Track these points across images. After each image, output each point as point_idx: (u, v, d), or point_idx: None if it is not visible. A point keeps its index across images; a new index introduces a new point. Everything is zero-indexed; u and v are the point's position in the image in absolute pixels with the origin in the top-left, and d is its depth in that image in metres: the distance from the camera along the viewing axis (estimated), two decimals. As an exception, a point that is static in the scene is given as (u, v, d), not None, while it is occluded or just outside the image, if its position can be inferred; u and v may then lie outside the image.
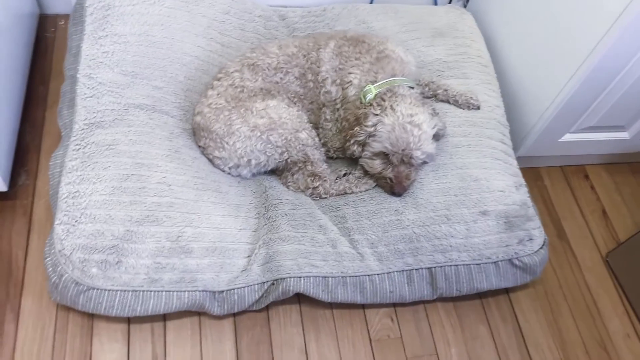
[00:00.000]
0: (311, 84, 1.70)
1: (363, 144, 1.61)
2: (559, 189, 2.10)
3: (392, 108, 1.56)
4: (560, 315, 1.79)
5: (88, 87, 1.64)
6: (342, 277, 1.56)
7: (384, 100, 1.58)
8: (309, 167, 1.65)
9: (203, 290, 1.49)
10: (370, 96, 1.61)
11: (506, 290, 1.81)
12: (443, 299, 1.75)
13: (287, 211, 1.63)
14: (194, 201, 1.54)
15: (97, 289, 1.42)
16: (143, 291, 1.45)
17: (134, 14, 1.77)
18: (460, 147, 1.71)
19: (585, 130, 1.90)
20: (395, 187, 1.59)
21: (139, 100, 1.65)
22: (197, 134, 1.66)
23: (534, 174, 2.12)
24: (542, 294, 1.83)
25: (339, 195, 1.69)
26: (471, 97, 1.79)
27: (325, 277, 1.55)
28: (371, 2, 2.21)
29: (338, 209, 1.65)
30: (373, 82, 1.64)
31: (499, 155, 1.72)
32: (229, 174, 1.68)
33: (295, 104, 1.69)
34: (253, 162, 1.62)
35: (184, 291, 1.48)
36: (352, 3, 2.11)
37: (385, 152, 1.57)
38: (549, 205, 2.05)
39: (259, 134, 1.58)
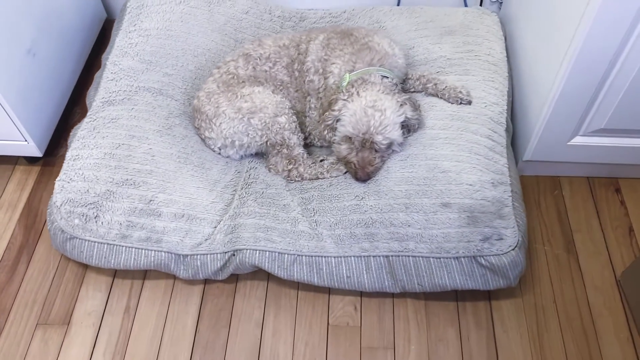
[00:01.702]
0: (297, 73, 1.79)
1: (333, 129, 1.66)
2: (578, 200, 1.91)
3: (357, 94, 1.60)
4: (547, 330, 1.63)
5: (111, 72, 1.91)
6: (298, 255, 1.60)
7: (352, 87, 1.62)
8: (285, 151, 1.73)
9: (167, 252, 1.63)
10: (344, 84, 1.66)
11: (488, 297, 1.69)
12: (415, 296, 1.69)
13: (258, 189, 1.72)
14: (173, 172, 1.70)
15: (78, 239, 1.63)
16: (115, 245, 1.63)
17: (161, 12, 2.03)
18: (437, 139, 1.67)
19: (600, 134, 1.73)
20: (358, 172, 1.61)
21: (149, 84, 1.88)
22: (194, 116, 1.84)
23: (551, 183, 1.95)
24: (531, 305, 1.68)
25: (311, 179, 1.74)
26: (460, 92, 1.74)
27: (281, 252, 1.61)
28: (398, 5, 2.24)
29: (306, 191, 1.70)
30: (350, 71, 1.68)
31: (480, 150, 1.64)
32: (219, 154, 1.82)
33: (281, 91, 1.79)
34: (237, 142, 1.75)
35: (151, 250, 1.63)
36: (377, 5, 2.16)
37: (349, 137, 1.60)
38: (563, 216, 1.87)
39: (240, 116, 1.71)
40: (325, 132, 1.67)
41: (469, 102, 1.76)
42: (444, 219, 1.54)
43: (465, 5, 2.22)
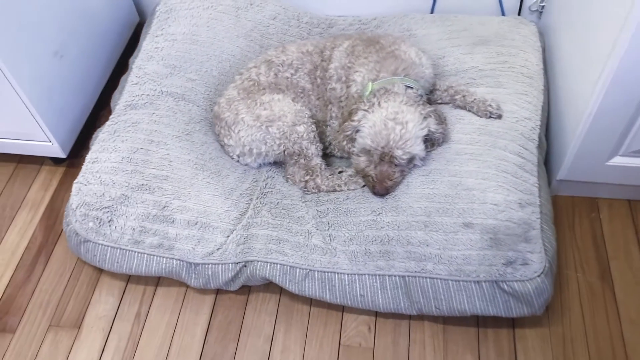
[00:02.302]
0: (319, 80, 1.74)
1: (352, 140, 1.59)
2: (617, 225, 1.77)
3: (379, 104, 1.53)
4: (574, 365, 1.51)
5: (136, 76, 1.91)
6: (310, 270, 1.54)
7: (374, 97, 1.56)
8: (302, 161, 1.68)
9: (179, 259, 1.60)
10: (366, 93, 1.60)
11: (512, 324, 1.58)
12: (433, 319, 1.61)
13: (274, 200, 1.68)
14: (189, 178, 1.67)
15: (92, 242, 1.63)
16: (128, 250, 1.62)
17: (188, 16, 2.02)
18: (462, 154, 1.58)
19: (642, 155, 1.60)
20: (375, 186, 1.54)
21: (172, 89, 1.86)
22: (214, 122, 1.81)
23: (588, 204, 1.83)
24: (559, 336, 1.56)
25: (328, 191, 1.68)
26: (490, 105, 1.65)
27: (292, 266, 1.55)
28: (431, 12, 2.16)
29: (322, 203, 1.64)
30: (374, 80, 1.62)
31: (508, 167, 1.54)
32: (237, 162, 1.79)
33: (302, 98, 1.75)
34: (254, 151, 1.71)
35: (162, 257, 1.61)
36: (409, 13, 2.09)
37: (368, 149, 1.53)
38: (599, 241, 1.74)
39: (259, 124, 1.67)
40: (344, 142, 1.61)
41: (499, 116, 1.66)
42: (465, 240, 1.45)
43: (503, 14, 2.11)
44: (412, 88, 1.59)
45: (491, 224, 1.45)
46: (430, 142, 1.57)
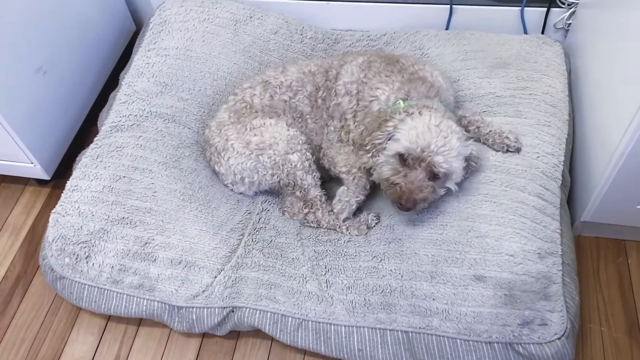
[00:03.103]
0: (319, 102, 1.60)
1: (379, 150, 1.41)
2: (647, 272, 1.60)
3: (419, 113, 1.38)
4: None
5: (125, 94, 1.77)
6: (303, 319, 1.40)
7: (412, 108, 1.41)
8: (298, 193, 1.54)
9: (161, 302, 1.46)
10: (398, 108, 1.45)
11: (527, 385, 1.42)
12: (439, 376, 1.45)
13: (267, 237, 1.53)
14: (174, 211, 1.53)
15: (68, 279, 1.49)
16: (106, 290, 1.48)
17: (182, 29, 1.88)
18: (476, 194, 1.42)
19: (680, 199, 1.43)
20: (402, 197, 1.33)
21: (162, 109, 1.72)
22: (205, 147, 1.67)
23: (614, 247, 1.65)
24: (579, 401, 1.40)
25: (329, 229, 1.54)
26: (507, 137, 1.48)
27: (284, 315, 1.40)
28: (446, 29, 1.99)
29: (320, 243, 1.50)
30: (404, 100, 1.47)
31: (527, 212, 1.38)
32: (232, 190, 1.65)
33: (299, 123, 1.60)
34: (247, 180, 1.57)
35: (143, 298, 1.47)
36: (421, 29, 1.92)
37: (401, 154, 1.36)
38: (626, 290, 1.57)
39: (248, 152, 1.53)
40: (369, 155, 1.43)
41: (518, 150, 1.50)
42: (475, 295, 1.29)
43: (525, 32, 1.94)
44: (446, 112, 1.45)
45: (506, 278, 1.29)
46: (467, 168, 1.41)
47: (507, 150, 1.49)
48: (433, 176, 1.34)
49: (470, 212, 1.39)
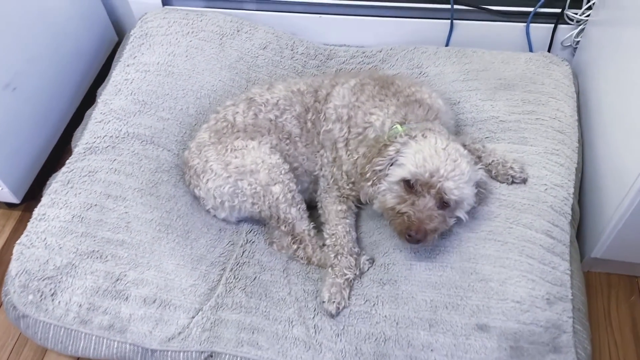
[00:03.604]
0: (309, 125, 1.48)
1: (380, 178, 1.29)
2: (662, 313, 1.48)
3: (423, 136, 1.27)
4: None
5: (101, 112, 1.65)
6: (288, 368, 1.27)
7: (413, 131, 1.30)
8: (283, 228, 1.42)
9: (133, 344, 1.33)
10: (395, 132, 1.33)
11: None
12: None
13: (250, 273, 1.41)
14: (149, 243, 1.41)
15: (31, 318, 1.36)
16: (74, 330, 1.35)
17: (165, 43, 1.75)
18: (478, 231, 1.30)
19: (700, 238, 1.31)
20: (412, 227, 1.19)
21: (139, 130, 1.60)
22: (184, 170, 1.55)
23: (627, 284, 1.54)
24: None
25: (320, 266, 1.41)
26: (511, 168, 1.37)
27: (267, 362, 1.28)
28: (447, 45, 1.88)
29: (310, 282, 1.38)
30: (401, 124, 1.36)
31: (534, 252, 1.26)
32: (214, 215, 1.53)
33: (287, 145, 1.48)
34: (227, 204, 1.46)
35: (113, 340, 1.34)
36: (420, 46, 1.80)
37: (407, 180, 1.23)
38: (640, 333, 1.45)
39: (227, 174, 1.43)
40: (370, 184, 1.30)
41: (524, 181, 1.38)
42: (478, 348, 1.17)
43: (531, 49, 1.82)
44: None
45: (512, 327, 1.17)
46: (477, 196, 1.29)
47: (513, 182, 1.38)
48: (442, 205, 1.22)
49: (472, 252, 1.27)
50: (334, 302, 1.28)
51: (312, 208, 1.57)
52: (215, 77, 1.73)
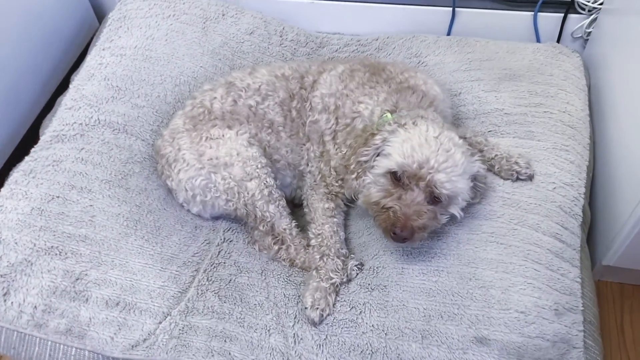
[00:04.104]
0: (294, 113, 1.36)
1: (365, 170, 1.16)
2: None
3: (414, 123, 1.13)
4: None
5: (72, 99, 1.52)
6: (263, 382, 1.14)
7: (403, 119, 1.16)
8: (262, 227, 1.29)
9: (92, 352, 1.20)
10: (384, 120, 1.21)
11: None
12: None
13: (225, 275, 1.28)
14: (114, 240, 1.27)
15: (-19, 320, 1.23)
16: (27, 334, 1.22)
17: (143, 26, 1.63)
18: (479, 233, 1.17)
19: None
20: (397, 224, 1.07)
21: (112, 117, 1.47)
22: (157, 159, 1.42)
23: (640, 295, 1.40)
24: None
25: (304, 269, 1.28)
26: (516, 163, 1.24)
27: (240, 375, 1.14)
28: (448, 35, 1.75)
29: (293, 286, 1.24)
30: (392, 112, 1.23)
31: (541, 256, 1.13)
32: (188, 210, 1.40)
33: (268, 135, 1.35)
34: (198, 199, 1.33)
35: (70, 346, 1.20)
36: (418, 34, 1.68)
37: (393, 171, 1.10)
38: (656, 349, 1.31)
39: (199, 165, 1.30)
40: (354, 176, 1.17)
41: (530, 177, 1.25)
42: (476, 363, 1.04)
43: (538, 41, 1.69)
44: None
45: (515, 341, 1.03)
46: (474, 191, 1.16)
47: (518, 178, 1.24)
48: (433, 199, 1.09)
49: (471, 255, 1.13)
50: (317, 308, 1.15)
51: (298, 206, 1.45)
52: (196, 62, 1.61)
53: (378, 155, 1.14)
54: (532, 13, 1.66)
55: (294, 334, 1.16)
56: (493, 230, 1.16)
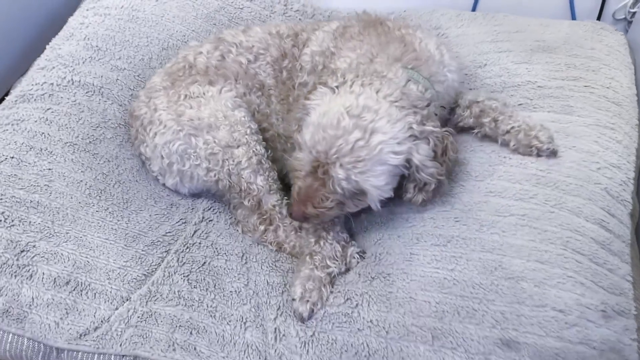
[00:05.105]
0: (284, 74, 1.18)
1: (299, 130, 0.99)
2: None
3: (350, 86, 0.93)
4: None
5: (45, 59, 1.37)
6: (234, 387, 0.92)
7: (353, 75, 0.96)
8: (246, 202, 1.09)
9: (32, 339, 1.00)
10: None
11: None
12: None
13: (199, 257, 1.08)
14: (72, 209, 1.09)
15: None
16: (-42, 315, 1.02)
17: (133, -15, 1.47)
18: (506, 215, 0.95)
19: None
20: (292, 207, 0.95)
21: (87, 79, 1.30)
22: (130, 123, 1.24)
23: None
24: None
25: (293, 255, 1.08)
26: (536, 137, 1.03)
27: (205, 377, 0.93)
28: (473, 10, 1.57)
29: (279, 273, 1.04)
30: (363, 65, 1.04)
31: (584, 246, 0.91)
32: (163, 184, 1.21)
33: (257, 98, 1.16)
34: (175, 168, 1.15)
35: (7, 332, 1.00)
36: (438, 7, 1.50)
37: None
38: None
39: (177, 127, 1.12)
40: (295, 129, 1.02)
41: (552, 154, 1.04)
42: (502, 372, 0.81)
43: (573, 18, 1.50)
44: (417, 88, 0.98)
45: (552, 346, 0.82)
46: (414, 182, 0.94)
47: (538, 155, 1.03)
48: (334, 189, 0.91)
49: (497, 241, 0.92)
50: (307, 301, 0.94)
51: (289, 188, 1.25)
52: (188, 26, 1.44)
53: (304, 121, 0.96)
54: (569, -11, 1.48)
55: (276, 328, 0.94)
56: (524, 212, 0.95)
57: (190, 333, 0.96)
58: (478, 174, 1.03)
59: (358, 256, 1.03)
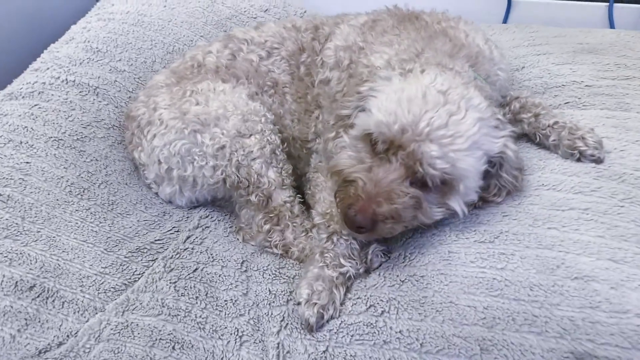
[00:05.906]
0: (302, 70, 1.06)
1: (347, 128, 0.84)
2: None
3: (421, 72, 0.80)
4: None
5: (41, 61, 1.28)
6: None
7: (407, 62, 0.85)
8: (254, 198, 0.93)
9: (-20, 355, 0.81)
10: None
11: None
12: None
13: (191, 263, 0.91)
14: (48, 206, 0.95)
15: None
16: None
17: (141, -8, 1.39)
18: (564, 209, 0.79)
19: None
20: (354, 206, 0.72)
21: (83, 79, 1.20)
22: (126, 125, 1.11)
23: None
24: None
25: (301, 260, 0.90)
26: (582, 138, 0.87)
27: (189, 404, 0.73)
28: (504, 22, 1.47)
29: (284, 279, 0.86)
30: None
31: (666, 245, 0.73)
32: (157, 193, 1.06)
33: (269, 97, 1.04)
34: (175, 173, 0.99)
35: (-48, 346, 0.82)
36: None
37: (369, 134, 0.77)
38: None
39: (182, 125, 0.98)
40: (332, 135, 0.86)
41: (597, 161, 0.86)
42: (576, 396, 0.61)
43: (612, 27, 1.40)
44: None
45: (641, 363, 0.62)
46: (494, 179, 0.79)
47: (579, 158, 0.87)
48: (420, 181, 0.73)
49: (556, 236, 0.75)
50: (315, 303, 0.75)
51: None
52: (196, 32, 1.35)
53: (363, 109, 0.81)
54: (607, 4, 1.38)
55: (279, 344, 0.76)
56: (587, 205, 0.78)
57: (173, 348, 0.78)
58: (526, 167, 0.87)
59: (381, 254, 0.84)
